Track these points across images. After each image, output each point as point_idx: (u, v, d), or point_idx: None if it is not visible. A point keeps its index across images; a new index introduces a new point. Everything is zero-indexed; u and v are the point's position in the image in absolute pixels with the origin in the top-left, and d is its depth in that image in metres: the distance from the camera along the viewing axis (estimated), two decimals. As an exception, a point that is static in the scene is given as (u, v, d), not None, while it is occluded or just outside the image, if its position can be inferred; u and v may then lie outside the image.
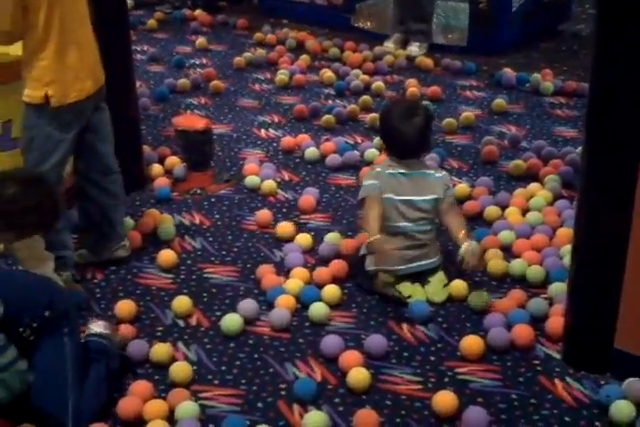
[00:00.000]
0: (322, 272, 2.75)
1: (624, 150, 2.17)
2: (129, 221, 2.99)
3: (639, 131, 2.14)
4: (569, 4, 5.28)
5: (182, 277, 2.80)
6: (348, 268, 2.78)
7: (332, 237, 2.94)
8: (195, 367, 2.36)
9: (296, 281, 2.70)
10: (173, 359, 2.39)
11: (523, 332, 2.47)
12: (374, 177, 2.66)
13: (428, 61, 4.61)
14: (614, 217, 2.23)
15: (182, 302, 2.62)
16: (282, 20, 5.41)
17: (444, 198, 2.69)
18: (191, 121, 3.36)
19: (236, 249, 2.96)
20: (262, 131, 3.87)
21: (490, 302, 2.62)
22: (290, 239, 2.95)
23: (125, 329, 2.48)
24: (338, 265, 2.78)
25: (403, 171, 2.66)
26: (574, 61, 4.73)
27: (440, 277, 2.71)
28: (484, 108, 4.08)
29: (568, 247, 2.82)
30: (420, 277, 2.71)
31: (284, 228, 3.00)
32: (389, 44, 4.84)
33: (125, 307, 2.58)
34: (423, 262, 2.69)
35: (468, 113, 3.93)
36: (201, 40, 4.97)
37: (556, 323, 2.49)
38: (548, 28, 5.13)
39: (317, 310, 2.58)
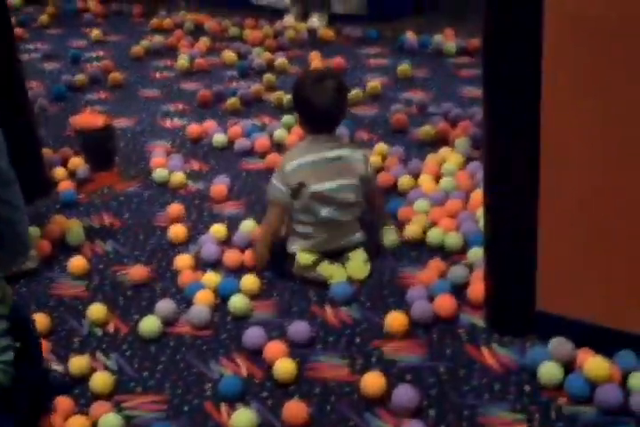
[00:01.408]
0: (237, 260, 2.69)
1: (523, 95, 2.12)
2: (35, 230, 2.88)
3: (535, 73, 2.08)
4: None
5: (95, 283, 2.72)
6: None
7: (247, 225, 2.87)
8: (116, 377, 2.29)
9: (213, 275, 2.64)
10: (93, 370, 2.31)
11: (445, 302, 2.44)
12: (287, 176, 2.58)
13: (330, 33, 4.55)
14: (522, 170, 2.20)
15: (97, 310, 2.53)
16: (178, 3, 5.28)
17: (368, 180, 2.66)
18: (90, 119, 3.25)
19: (149, 248, 2.88)
20: (167, 121, 3.77)
21: (399, 240, 2.71)
22: (183, 243, 2.86)
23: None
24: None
25: (324, 155, 2.59)
26: (476, 19, 4.69)
27: (360, 253, 2.67)
28: (390, 76, 4.03)
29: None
30: (341, 255, 2.67)
31: (177, 232, 2.88)
32: (289, 19, 4.76)
33: (39, 321, 2.48)
34: (346, 240, 2.65)
35: (374, 82, 3.88)
36: (96, 32, 4.83)
37: (477, 290, 2.46)
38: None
39: (237, 302, 2.52)
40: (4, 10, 3.08)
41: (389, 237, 2.71)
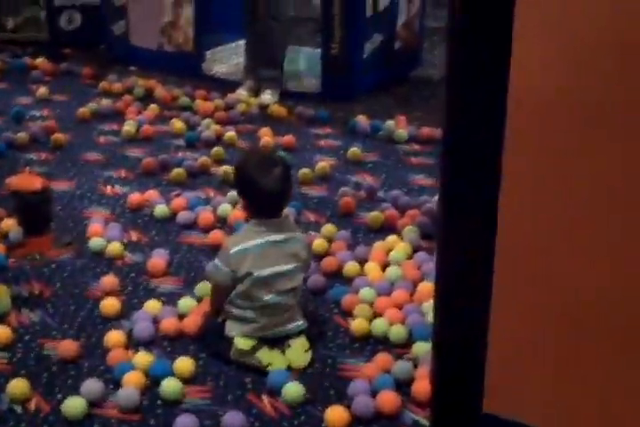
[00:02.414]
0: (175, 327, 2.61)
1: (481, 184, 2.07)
2: (-42, 294, 2.72)
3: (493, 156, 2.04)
4: (419, 51, 5.31)
5: (19, 355, 2.55)
6: (202, 335, 2.60)
7: (184, 305, 2.75)
8: (32, 462, 2.13)
9: (145, 355, 2.50)
10: (8, 453, 2.14)
11: (388, 399, 2.34)
12: (231, 259, 2.48)
13: (281, 109, 4.51)
14: (475, 266, 2.14)
15: (19, 386, 2.36)
16: (129, 67, 5.22)
17: (308, 266, 2.62)
18: (26, 181, 3.11)
19: (79, 320, 2.73)
20: (108, 187, 3.65)
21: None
22: (115, 317, 2.73)
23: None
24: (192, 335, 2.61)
25: (272, 238, 2.50)
26: (427, 107, 4.73)
27: (301, 340, 2.57)
28: (340, 158, 4.00)
29: (430, 303, 2.74)
30: (280, 341, 2.56)
31: (109, 306, 2.75)
32: (242, 92, 4.72)
33: (-48, 394, 2.32)
34: (287, 327, 2.55)
35: (323, 163, 3.84)
36: (42, 90, 4.70)
37: (421, 387, 2.37)
38: (400, 74, 5.14)
39: (169, 386, 2.38)
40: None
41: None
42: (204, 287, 2.80)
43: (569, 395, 2.06)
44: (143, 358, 2.48)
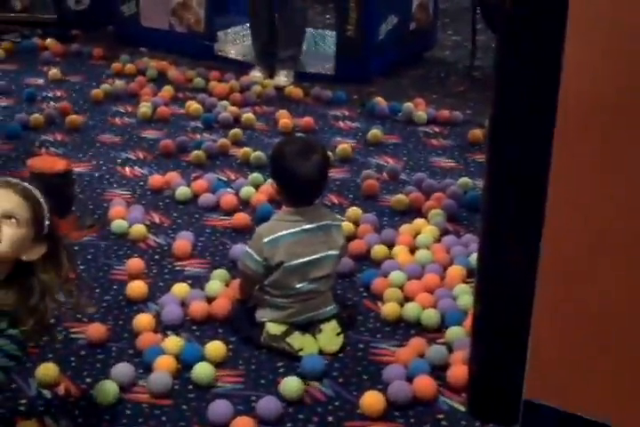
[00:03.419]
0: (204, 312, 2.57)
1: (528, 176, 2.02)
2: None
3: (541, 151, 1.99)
4: (434, 31, 5.25)
5: (46, 339, 2.50)
6: (231, 320, 2.57)
7: (212, 288, 2.70)
8: (65, 446, 2.09)
9: (175, 339, 2.45)
10: (41, 438, 2.10)
11: (424, 384, 2.31)
12: (264, 249, 2.42)
13: (298, 91, 4.45)
14: (520, 251, 2.10)
15: (47, 370, 2.32)
16: (140, 48, 5.15)
17: (344, 251, 2.56)
18: (49, 162, 3.06)
19: (105, 304, 2.68)
20: (127, 169, 3.59)
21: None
22: (142, 300, 2.69)
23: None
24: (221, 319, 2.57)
25: (305, 227, 2.45)
26: (443, 89, 4.69)
27: (333, 325, 2.52)
28: (360, 139, 3.95)
29: (461, 287, 2.71)
30: (312, 326, 2.52)
31: (136, 288, 2.71)
32: (256, 73, 4.65)
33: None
34: (319, 311, 2.51)
35: (345, 145, 3.78)
36: (54, 71, 4.63)
37: (457, 372, 2.34)
38: (414, 55, 5.08)
39: (201, 370, 2.34)
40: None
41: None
42: (228, 272, 2.76)
43: (615, 383, 2.02)
44: (173, 342, 2.44)
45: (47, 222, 1.89)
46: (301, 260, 2.44)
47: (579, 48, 1.71)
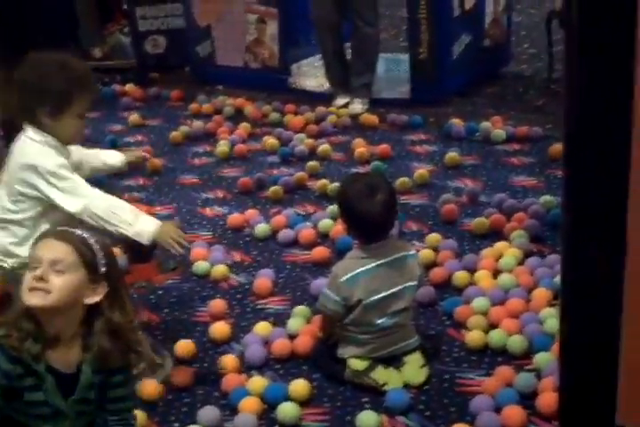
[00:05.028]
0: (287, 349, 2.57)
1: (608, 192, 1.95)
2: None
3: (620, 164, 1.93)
4: (508, 46, 5.18)
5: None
6: (313, 357, 2.55)
7: (293, 325, 2.69)
8: None
9: (260, 379, 2.45)
10: (131, 486, 2.11)
11: (513, 414, 2.24)
12: (342, 288, 2.39)
13: (373, 118, 4.45)
14: (605, 269, 2.02)
15: (136, 417, 2.34)
16: (217, 87, 5.23)
17: (421, 281, 2.53)
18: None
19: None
20: (207, 209, 3.64)
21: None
22: (226, 342, 2.69)
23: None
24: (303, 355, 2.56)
25: (380, 262, 2.43)
26: (521, 104, 4.62)
27: (417, 356, 2.48)
28: (437, 163, 3.91)
29: (548, 310, 2.63)
30: (395, 359, 2.48)
31: (219, 330, 2.72)
32: (341, 101, 4.66)
33: None
34: (401, 345, 2.47)
35: (422, 170, 3.75)
36: (134, 116, 4.75)
37: (547, 399, 2.26)
38: (490, 72, 5.01)
39: (286, 410, 2.33)
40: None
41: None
42: (309, 309, 2.75)
43: None
44: (258, 382, 2.43)
45: (102, 261, 1.84)
46: (380, 295, 2.41)
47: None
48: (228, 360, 2.55)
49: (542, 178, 3.67)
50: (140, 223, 2.34)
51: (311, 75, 5.22)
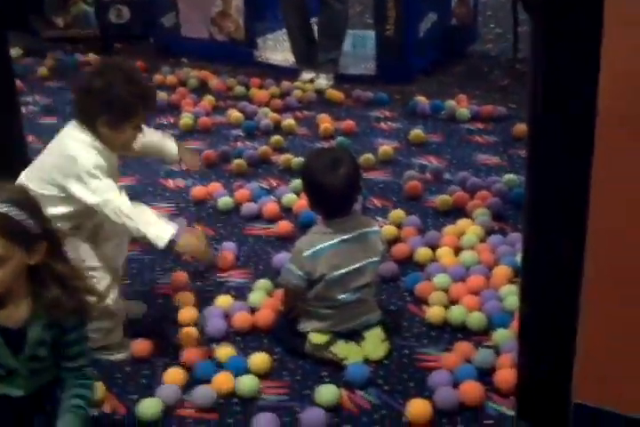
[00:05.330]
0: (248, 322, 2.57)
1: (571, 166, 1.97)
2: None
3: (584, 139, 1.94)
4: (475, 25, 5.18)
5: (91, 357, 2.52)
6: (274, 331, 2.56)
7: (255, 299, 2.69)
8: (112, 465, 2.09)
9: (220, 352, 2.45)
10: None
11: (471, 389, 2.26)
12: (305, 263, 2.39)
13: (339, 94, 4.43)
14: (566, 248, 2.03)
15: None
16: (181, 59, 5.18)
17: (384, 256, 2.54)
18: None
19: (150, 319, 2.69)
20: (170, 181, 3.61)
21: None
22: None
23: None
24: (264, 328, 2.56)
25: (343, 237, 2.42)
26: (486, 84, 4.62)
27: (377, 331, 2.49)
28: (402, 140, 3.91)
29: (508, 288, 2.66)
30: (355, 333, 2.49)
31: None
32: (307, 75, 4.64)
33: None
34: (363, 320, 2.48)
35: (386, 147, 3.75)
36: (97, 86, 4.67)
37: (505, 376, 2.29)
38: (456, 51, 5.01)
39: (246, 383, 2.33)
40: (7, 61, 2.93)
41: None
42: (271, 282, 2.75)
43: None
44: (219, 354, 2.43)
45: (32, 224, 1.80)
46: (342, 271, 2.41)
47: (616, 41, 1.66)
48: (188, 333, 2.54)
49: (505, 157, 3.69)
50: (161, 228, 2.29)
51: (277, 49, 5.18)
